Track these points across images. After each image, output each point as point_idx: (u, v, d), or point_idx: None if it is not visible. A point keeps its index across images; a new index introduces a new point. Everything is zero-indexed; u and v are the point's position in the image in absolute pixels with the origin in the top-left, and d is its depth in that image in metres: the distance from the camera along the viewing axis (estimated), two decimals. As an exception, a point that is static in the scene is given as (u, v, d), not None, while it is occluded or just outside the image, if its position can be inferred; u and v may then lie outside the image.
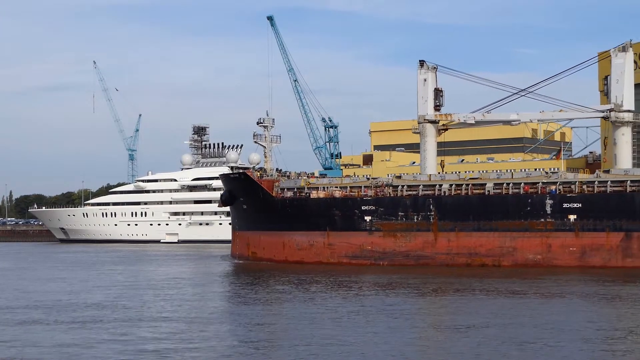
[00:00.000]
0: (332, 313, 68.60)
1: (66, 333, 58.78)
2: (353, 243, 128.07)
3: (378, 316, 66.81)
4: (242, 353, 51.33)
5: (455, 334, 58.06)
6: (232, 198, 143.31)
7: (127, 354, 50.85)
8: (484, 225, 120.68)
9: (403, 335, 57.47)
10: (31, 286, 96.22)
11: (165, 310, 71.66)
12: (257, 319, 66.25)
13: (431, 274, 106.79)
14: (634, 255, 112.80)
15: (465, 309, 71.40)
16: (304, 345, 53.33)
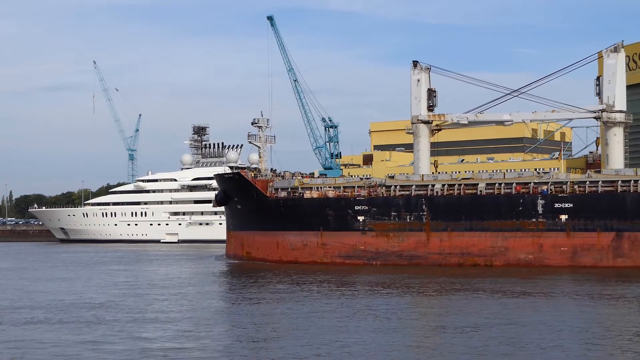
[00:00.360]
0: (323, 314, 69.14)
1: (73, 333, 59.25)
2: (346, 243, 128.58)
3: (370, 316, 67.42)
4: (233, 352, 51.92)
5: (459, 335, 58.50)
6: (226, 198, 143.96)
7: (133, 354, 51.38)
8: (476, 225, 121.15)
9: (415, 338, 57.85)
10: (35, 286, 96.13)
11: (156, 311, 72.05)
12: (248, 319, 66.62)
13: (424, 274, 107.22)
14: (624, 255, 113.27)
15: (469, 309, 71.71)
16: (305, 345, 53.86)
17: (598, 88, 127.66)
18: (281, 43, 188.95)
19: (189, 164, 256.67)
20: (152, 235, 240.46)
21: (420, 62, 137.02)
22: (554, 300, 78.86)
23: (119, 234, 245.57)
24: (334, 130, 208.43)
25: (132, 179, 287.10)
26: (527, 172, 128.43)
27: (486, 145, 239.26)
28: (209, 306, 75.96)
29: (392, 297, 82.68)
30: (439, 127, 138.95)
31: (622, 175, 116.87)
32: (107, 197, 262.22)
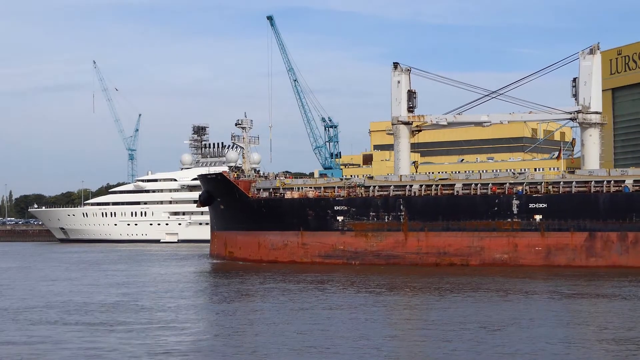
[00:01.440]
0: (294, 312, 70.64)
1: (84, 333, 60.54)
2: (326, 243, 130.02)
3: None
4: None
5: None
6: (210, 198, 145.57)
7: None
8: (453, 225, 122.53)
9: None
10: (42, 287, 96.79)
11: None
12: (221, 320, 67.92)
13: (401, 274, 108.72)
14: (597, 255, 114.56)
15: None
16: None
17: (574, 89, 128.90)
18: (281, 43, 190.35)
19: (188, 164, 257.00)
20: (152, 235, 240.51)
21: (400, 64, 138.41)
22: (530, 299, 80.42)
23: (118, 234, 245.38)
24: (333, 130, 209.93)
25: (131, 178, 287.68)
26: (502, 173, 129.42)
27: (486, 145, 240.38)
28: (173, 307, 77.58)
29: (359, 296, 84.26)
30: (419, 128, 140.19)
31: (595, 175, 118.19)
32: (106, 197, 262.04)
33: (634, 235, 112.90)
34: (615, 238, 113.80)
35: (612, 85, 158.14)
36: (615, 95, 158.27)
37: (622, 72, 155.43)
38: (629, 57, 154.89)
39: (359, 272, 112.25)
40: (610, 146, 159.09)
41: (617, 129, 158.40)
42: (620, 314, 68.61)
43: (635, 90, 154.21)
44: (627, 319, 65.66)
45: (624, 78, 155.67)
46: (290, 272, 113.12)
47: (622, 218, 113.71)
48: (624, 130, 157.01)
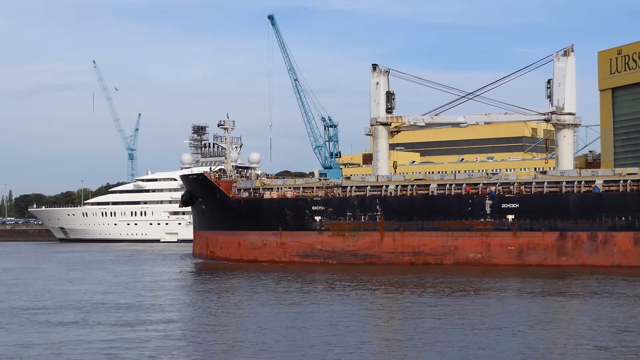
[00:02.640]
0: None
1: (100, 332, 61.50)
2: (304, 242, 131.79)
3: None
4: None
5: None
6: (192, 198, 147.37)
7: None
8: (427, 225, 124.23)
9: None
10: (52, 286, 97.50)
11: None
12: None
13: (377, 274, 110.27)
14: (567, 254, 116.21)
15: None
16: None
17: (549, 91, 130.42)
18: (282, 42, 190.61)
19: (188, 164, 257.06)
20: (151, 234, 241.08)
21: (379, 65, 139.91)
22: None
23: (118, 234, 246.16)
24: (333, 130, 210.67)
25: (131, 178, 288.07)
26: (477, 174, 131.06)
27: (486, 144, 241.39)
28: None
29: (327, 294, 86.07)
30: (398, 129, 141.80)
31: (565, 176, 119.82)
32: (106, 197, 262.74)
33: (603, 235, 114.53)
34: (585, 238, 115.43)
35: (612, 84, 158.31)
36: (615, 94, 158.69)
37: (622, 71, 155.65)
38: (629, 56, 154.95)
39: (335, 271, 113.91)
40: (610, 146, 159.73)
41: (617, 129, 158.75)
42: (588, 311, 70.59)
43: (635, 89, 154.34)
44: (594, 316, 67.61)
45: (624, 77, 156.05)
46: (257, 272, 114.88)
47: (592, 218, 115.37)
48: (624, 130, 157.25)
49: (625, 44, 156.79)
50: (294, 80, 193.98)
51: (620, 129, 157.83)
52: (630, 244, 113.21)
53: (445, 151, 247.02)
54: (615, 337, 58.04)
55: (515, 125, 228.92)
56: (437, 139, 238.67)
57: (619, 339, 57.46)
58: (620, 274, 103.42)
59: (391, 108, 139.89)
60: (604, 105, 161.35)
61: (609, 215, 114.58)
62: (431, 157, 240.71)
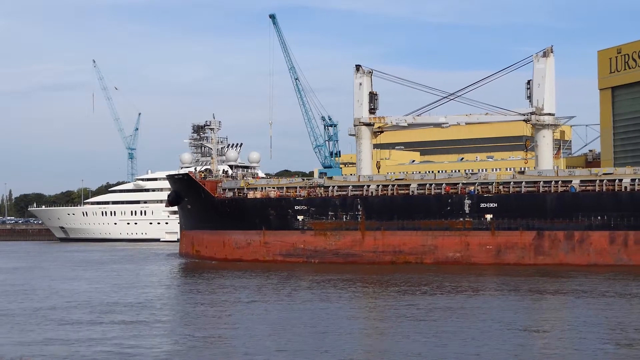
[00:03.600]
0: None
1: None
2: (287, 241, 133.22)
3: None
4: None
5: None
6: (178, 198, 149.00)
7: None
8: (408, 225, 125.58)
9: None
10: (61, 286, 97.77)
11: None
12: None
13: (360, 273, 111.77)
14: (544, 253, 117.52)
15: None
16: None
17: (529, 91, 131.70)
18: (283, 41, 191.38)
19: (188, 163, 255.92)
20: (151, 234, 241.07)
21: (362, 66, 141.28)
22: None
23: (118, 233, 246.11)
24: (333, 129, 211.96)
25: (131, 177, 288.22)
26: (456, 174, 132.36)
27: (486, 143, 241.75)
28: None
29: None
30: (381, 130, 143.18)
31: (543, 176, 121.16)
32: (106, 196, 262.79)
33: (579, 234, 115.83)
34: (562, 237, 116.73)
35: (612, 84, 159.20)
36: (615, 94, 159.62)
37: (622, 70, 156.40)
38: (629, 55, 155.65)
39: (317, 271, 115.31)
40: (610, 145, 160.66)
41: (617, 128, 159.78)
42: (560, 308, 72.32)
43: (635, 88, 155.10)
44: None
45: (624, 77, 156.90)
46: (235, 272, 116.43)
47: (569, 217, 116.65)
48: (624, 129, 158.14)
49: (625, 43, 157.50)
50: (294, 79, 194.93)
51: (620, 128, 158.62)
52: (606, 243, 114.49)
53: (445, 150, 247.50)
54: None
55: (516, 125, 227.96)
56: (437, 138, 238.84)
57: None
58: (597, 272, 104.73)
59: (374, 108, 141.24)
60: (603, 105, 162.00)
61: (585, 215, 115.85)
62: (431, 156, 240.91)
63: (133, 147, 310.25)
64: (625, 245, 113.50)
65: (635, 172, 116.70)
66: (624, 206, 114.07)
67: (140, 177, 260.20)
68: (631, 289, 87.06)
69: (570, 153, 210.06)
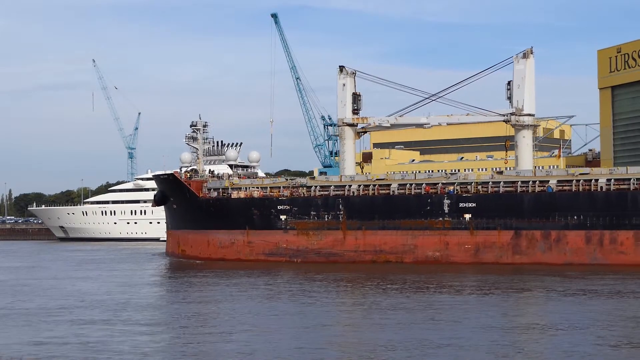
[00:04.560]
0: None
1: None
2: (270, 241, 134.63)
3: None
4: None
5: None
6: (164, 198, 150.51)
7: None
8: (388, 224, 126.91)
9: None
10: (70, 286, 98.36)
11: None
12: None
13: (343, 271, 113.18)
14: (522, 252, 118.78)
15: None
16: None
17: (509, 92, 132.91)
18: (284, 41, 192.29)
19: (188, 162, 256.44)
20: (151, 233, 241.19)
21: (346, 67, 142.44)
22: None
23: (118, 232, 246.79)
24: (333, 129, 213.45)
25: (131, 177, 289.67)
26: (436, 174, 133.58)
27: (486, 143, 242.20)
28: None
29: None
30: (364, 130, 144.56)
31: (521, 176, 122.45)
32: (106, 196, 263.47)
33: (556, 234, 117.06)
34: (539, 236, 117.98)
35: (612, 83, 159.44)
36: (615, 93, 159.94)
37: (622, 70, 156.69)
38: (629, 55, 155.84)
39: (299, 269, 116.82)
40: (609, 144, 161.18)
41: (617, 127, 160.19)
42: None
43: (635, 88, 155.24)
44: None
45: (624, 76, 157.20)
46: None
47: (546, 217, 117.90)
48: (624, 129, 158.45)
49: (625, 42, 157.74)
50: (295, 78, 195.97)
51: (619, 127, 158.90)
52: (582, 242, 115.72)
53: (445, 150, 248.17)
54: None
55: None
56: (437, 137, 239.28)
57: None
58: (573, 271, 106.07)
59: (357, 109, 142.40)
60: (603, 104, 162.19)
61: (561, 215, 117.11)
62: (431, 155, 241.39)
63: (133, 147, 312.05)
64: (601, 244, 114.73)
65: (611, 173, 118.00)
66: (600, 206, 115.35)
67: (140, 176, 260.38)
68: (594, 286, 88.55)
69: (570, 152, 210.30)
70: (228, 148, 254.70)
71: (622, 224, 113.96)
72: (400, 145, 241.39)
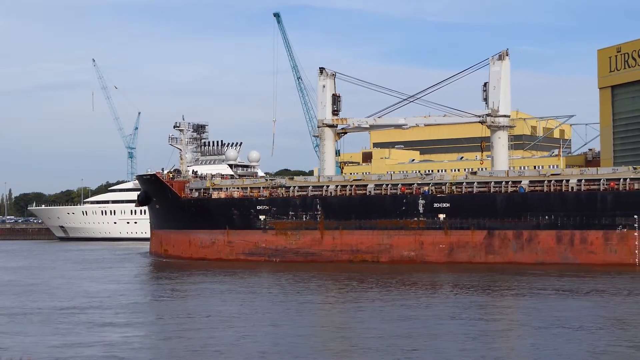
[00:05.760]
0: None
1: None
2: (249, 240, 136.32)
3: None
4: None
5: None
6: (147, 198, 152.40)
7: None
8: (365, 224, 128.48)
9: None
10: (79, 285, 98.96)
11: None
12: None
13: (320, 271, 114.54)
14: (495, 252, 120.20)
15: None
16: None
17: (485, 94, 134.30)
18: (286, 40, 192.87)
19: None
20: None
21: (326, 69, 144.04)
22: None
23: (118, 232, 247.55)
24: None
25: (131, 177, 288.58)
26: (412, 174, 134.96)
27: (486, 142, 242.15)
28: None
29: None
30: (344, 131, 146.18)
31: (494, 176, 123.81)
32: (106, 195, 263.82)
33: (528, 233, 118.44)
34: (511, 236, 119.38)
35: (612, 82, 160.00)
36: (615, 92, 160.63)
37: (622, 69, 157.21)
38: (629, 54, 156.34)
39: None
40: (609, 144, 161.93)
41: (617, 127, 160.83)
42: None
43: (634, 87, 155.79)
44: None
45: (624, 75, 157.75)
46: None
47: (518, 217, 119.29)
48: (624, 128, 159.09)
49: (625, 42, 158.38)
50: (297, 78, 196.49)
51: (619, 127, 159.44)
52: (553, 242, 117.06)
53: (445, 149, 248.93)
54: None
55: (515, 123, 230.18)
56: (437, 137, 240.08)
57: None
58: (544, 270, 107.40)
59: (337, 110, 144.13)
60: (603, 103, 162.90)
61: (533, 215, 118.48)
62: (431, 155, 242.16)
63: (133, 147, 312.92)
64: (572, 244, 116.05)
65: (582, 173, 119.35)
66: (570, 206, 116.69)
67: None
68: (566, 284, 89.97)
69: (570, 152, 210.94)
70: (228, 148, 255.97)
71: (592, 223, 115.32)
72: (400, 145, 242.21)
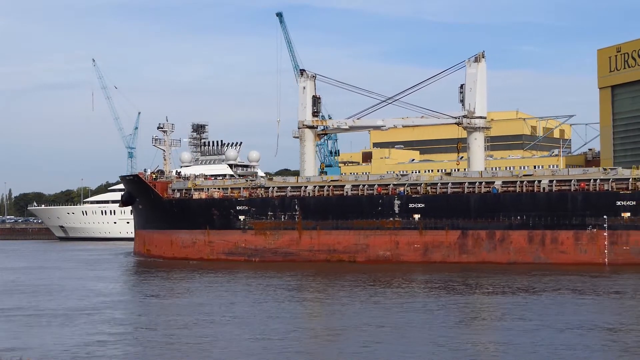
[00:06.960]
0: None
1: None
2: (229, 240, 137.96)
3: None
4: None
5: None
6: (131, 199, 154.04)
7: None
8: (342, 224, 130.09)
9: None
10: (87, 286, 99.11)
11: None
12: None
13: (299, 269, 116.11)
14: (468, 252, 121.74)
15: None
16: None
17: (461, 95, 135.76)
18: (288, 40, 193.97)
19: (187, 162, 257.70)
20: None
21: (306, 71, 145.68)
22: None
23: (118, 232, 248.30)
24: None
25: None
26: (387, 175, 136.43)
27: (486, 142, 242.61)
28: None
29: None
30: (325, 132, 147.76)
31: (468, 177, 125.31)
32: (106, 195, 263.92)
33: (500, 233, 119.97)
34: (484, 236, 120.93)
35: (612, 82, 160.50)
36: (615, 92, 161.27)
37: (622, 69, 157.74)
38: (628, 54, 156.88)
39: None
40: (609, 144, 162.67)
41: (617, 126, 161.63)
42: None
43: (634, 87, 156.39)
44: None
45: (623, 75, 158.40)
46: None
47: (491, 217, 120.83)
48: (624, 128, 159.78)
49: (625, 42, 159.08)
50: (299, 78, 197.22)
51: (619, 126, 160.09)
52: (525, 242, 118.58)
53: (445, 149, 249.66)
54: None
55: (515, 123, 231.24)
56: (437, 137, 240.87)
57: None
58: (516, 269, 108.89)
59: (317, 112, 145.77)
60: (603, 103, 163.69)
61: (506, 215, 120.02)
62: (431, 155, 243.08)
63: (133, 146, 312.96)
64: (543, 244, 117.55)
65: (554, 174, 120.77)
66: (541, 206, 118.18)
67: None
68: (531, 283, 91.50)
69: (570, 152, 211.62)
70: (228, 148, 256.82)
71: (563, 224, 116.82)
72: (400, 145, 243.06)
